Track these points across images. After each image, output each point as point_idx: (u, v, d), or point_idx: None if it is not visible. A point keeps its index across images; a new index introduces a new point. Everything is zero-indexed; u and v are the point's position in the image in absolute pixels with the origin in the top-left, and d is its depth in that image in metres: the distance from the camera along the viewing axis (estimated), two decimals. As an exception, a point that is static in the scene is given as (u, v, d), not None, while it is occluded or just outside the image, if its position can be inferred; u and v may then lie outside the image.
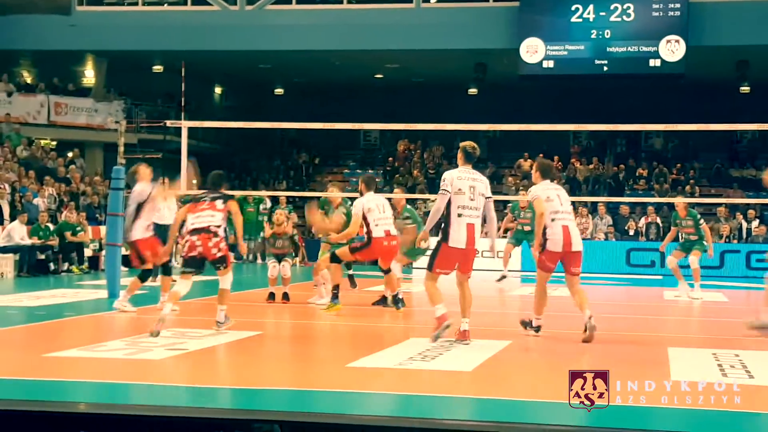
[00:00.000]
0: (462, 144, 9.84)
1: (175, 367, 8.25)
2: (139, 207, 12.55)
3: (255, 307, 12.93)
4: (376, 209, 12.14)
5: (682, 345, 9.89)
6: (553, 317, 12.07)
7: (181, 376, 7.94)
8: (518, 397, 7.26)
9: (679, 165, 30.08)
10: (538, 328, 10.13)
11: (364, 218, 12.07)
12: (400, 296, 12.71)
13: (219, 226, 10.51)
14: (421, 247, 11.12)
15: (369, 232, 12.07)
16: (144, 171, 13.01)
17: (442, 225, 9.59)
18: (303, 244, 25.29)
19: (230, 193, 11.68)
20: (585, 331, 9.76)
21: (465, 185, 9.46)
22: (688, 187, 28.25)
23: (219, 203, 10.64)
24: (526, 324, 10.28)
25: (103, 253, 17.48)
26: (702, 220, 16.15)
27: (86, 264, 20.62)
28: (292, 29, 26.74)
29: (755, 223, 24.70)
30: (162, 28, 27.09)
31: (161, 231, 18.13)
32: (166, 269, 12.96)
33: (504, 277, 18.66)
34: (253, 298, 13.21)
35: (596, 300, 14.75)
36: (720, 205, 24.94)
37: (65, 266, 20.13)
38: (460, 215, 9.40)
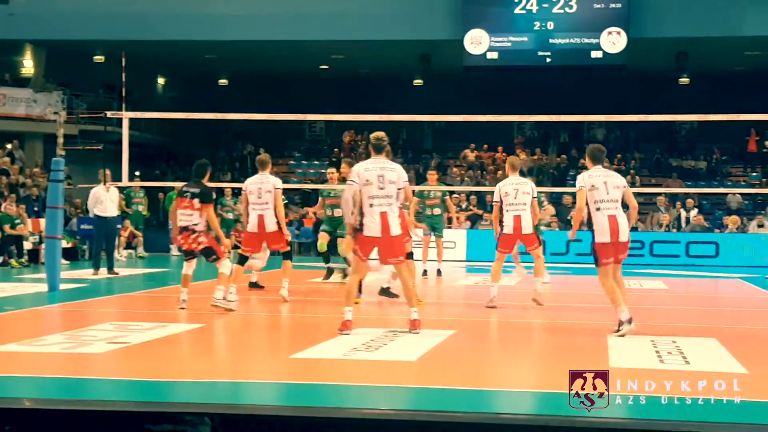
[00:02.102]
0: (370, 136, 9.91)
1: (115, 361, 8.18)
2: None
3: (202, 300, 12.85)
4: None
5: (615, 330, 9.98)
6: (501, 307, 12.18)
7: (119, 370, 7.87)
8: (461, 385, 7.30)
9: (620, 155, 30.43)
10: (630, 320, 9.45)
11: None
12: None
13: (197, 224, 11.36)
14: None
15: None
16: None
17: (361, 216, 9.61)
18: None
19: (211, 185, 11.87)
20: (617, 329, 9.47)
21: (372, 175, 9.55)
22: (629, 177, 28.56)
23: (196, 202, 11.33)
24: (621, 324, 9.54)
25: (43, 246, 17.26)
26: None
27: (26, 257, 20.35)
28: (237, 19, 26.58)
29: (694, 212, 25.08)
30: (103, 18, 26.74)
31: (104, 223, 18.04)
32: (243, 259, 12.90)
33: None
34: (199, 290, 13.12)
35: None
36: (660, 194, 25.29)
37: (1, 260, 19.81)
38: (371, 205, 9.48)
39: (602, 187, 9.73)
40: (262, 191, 12.43)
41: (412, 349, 8.61)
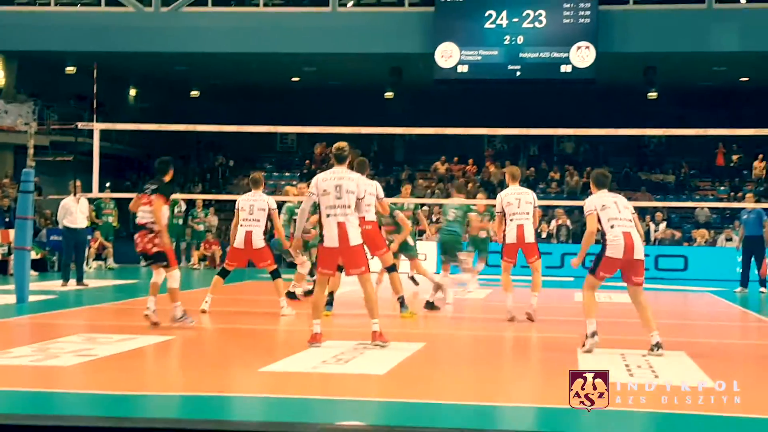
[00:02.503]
0: (332, 146, 9.85)
1: (83, 373, 8.16)
2: None
3: (170, 312, 12.81)
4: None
5: (582, 343, 10.05)
6: (470, 319, 12.24)
7: (87, 383, 7.85)
8: (429, 399, 7.35)
9: (589, 168, 30.62)
10: (594, 333, 9.35)
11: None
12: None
13: (154, 222, 10.90)
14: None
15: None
16: None
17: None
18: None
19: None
20: (651, 350, 9.27)
21: (330, 185, 9.45)
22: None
23: (155, 199, 10.92)
24: (586, 338, 9.40)
25: (12, 257, 17.16)
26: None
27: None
28: (208, 31, 26.58)
29: (662, 225, 25.29)
30: (75, 29, 26.67)
31: (73, 234, 17.97)
32: (224, 272, 13.11)
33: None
34: (169, 302, 13.08)
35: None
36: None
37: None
38: (328, 215, 9.41)
39: (613, 206, 9.60)
40: (254, 208, 12.74)
41: (382, 362, 8.65)
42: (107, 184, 24.62)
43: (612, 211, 9.54)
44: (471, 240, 16.15)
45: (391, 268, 12.68)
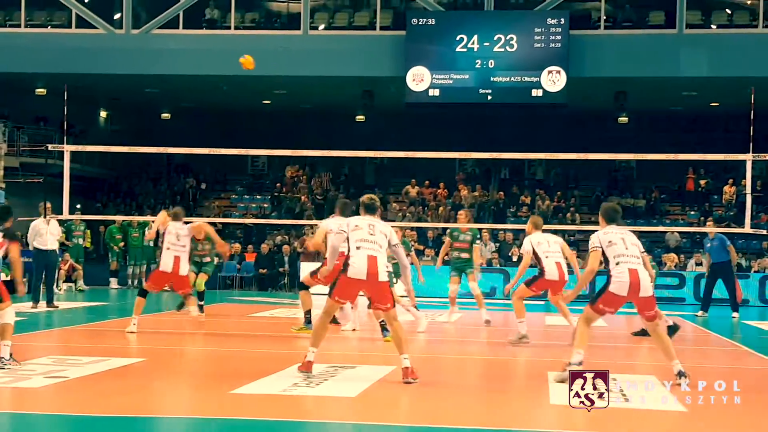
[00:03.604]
0: (362, 197, 9.57)
1: (54, 395, 8.10)
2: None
3: (141, 334, 12.75)
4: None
5: (561, 369, 10.11)
6: (442, 342, 12.26)
7: (57, 405, 7.79)
8: (400, 422, 7.34)
9: (560, 192, 30.83)
10: (580, 363, 9.05)
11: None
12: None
13: None
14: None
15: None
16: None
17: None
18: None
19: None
20: (677, 379, 8.94)
21: (363, 224, 9.22)
22: (569, 214, 28.98)
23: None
24: (570, 366, 8.92)
25: (-19, 279, 16.97)
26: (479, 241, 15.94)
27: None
28: (179, 54, 26.57)
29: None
30: (45, 51, 26.60)
31: (44, 256, 17.85)
32: (143, 292, 13.59)
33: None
34: (139, 325, 13.00)
35: (477, 326, 15.04)
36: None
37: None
38: (358, 248, 9.07)
39: (620, 243, 9.25)
40: (181, 235, 13.54)
41: (353, 384, 8.64)
42: (78, 206, 24.49)
43: (619, 248, 9.22)
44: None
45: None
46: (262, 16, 28.70)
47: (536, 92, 25.77)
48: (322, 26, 27.74)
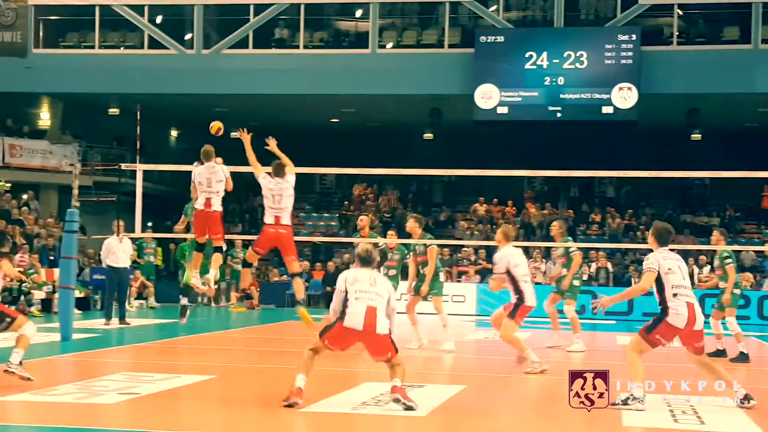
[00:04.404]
0: (358, 249, 9.04)
1: (127, 412, 8.17)
2: None
3: (210, 351, 12.85)
4: None
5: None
6: (504, 362, 12.13)
7: (131, 421, 7.86)
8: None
9: (631, 211, 30.44)
10: (643, 399, 8.67)
11: None
12: None
13: None
14: None
15: None
16: None
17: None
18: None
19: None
20: (741, 404, 8.79)
21: (364, 276, 8.71)
22: (639, 233, 28.57)
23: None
24: (626, 400, 8.66)
25: (56, 295, 17.28)
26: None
27: (37, 307, 20.30)
28: (248, 73, 26.83)
29: (706, 269, 24.99)
30: (118, 71, 27.07)
31: (116, 274, 18.12)
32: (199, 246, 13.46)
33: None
34: (208, 342, 13.12)
35: (542, 343, 14.85)
36: (672, 250, 25.18)
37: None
38: (357, 298, 8.54)
39: (678, 272, 8.98)
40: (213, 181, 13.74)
41: (423, 403, 8.58)
42: (149, 224, 24.80)
43: (677, 278, 8.94)
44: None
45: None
46: (331, 36, 28.84)
47: (607, 109, 25.51)
48: (390, 45, 27.81)
